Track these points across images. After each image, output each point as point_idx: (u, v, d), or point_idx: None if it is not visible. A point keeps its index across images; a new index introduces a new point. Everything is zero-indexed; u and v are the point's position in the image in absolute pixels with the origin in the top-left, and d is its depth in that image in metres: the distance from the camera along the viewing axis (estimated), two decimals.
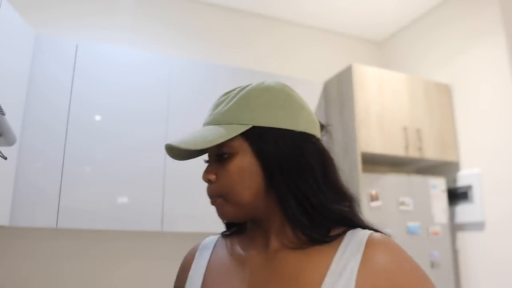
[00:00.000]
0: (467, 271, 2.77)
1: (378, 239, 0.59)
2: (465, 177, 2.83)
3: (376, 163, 3.02)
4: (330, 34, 3.64)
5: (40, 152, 2.16)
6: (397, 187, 2.68)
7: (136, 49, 2.75)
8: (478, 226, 2.72)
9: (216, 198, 0.64)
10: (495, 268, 2.57)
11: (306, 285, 0.57)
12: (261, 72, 2.83)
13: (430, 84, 2.98)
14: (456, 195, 2.87)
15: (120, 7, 2.91)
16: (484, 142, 2.74)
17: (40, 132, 2.18)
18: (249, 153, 0.61)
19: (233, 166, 0.61)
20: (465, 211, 2.80)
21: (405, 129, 2.78)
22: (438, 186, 2.82)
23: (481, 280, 2.67)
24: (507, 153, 2.57)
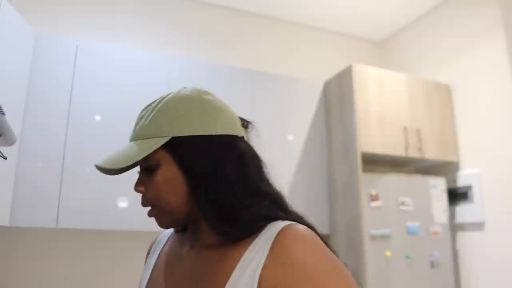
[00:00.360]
0: (467, 271, 2.77)
1: (289, 231, 0.59)
2: (465, 177, 2.83)
3: (376, 163, 3.01)
4: (330, 34, 3.64)
5: (40, 152, 2.16)
6: (397, 187, 2.68)
7: (136, 49, 2.75)
8: (478, 226, 2.72)
9: (151, 209, 0.67)
10: (495, 268, 2.57)
11: (218, 279, 0.60)
12: (261, 72, 2.83)
13: (430, 84, 2.98)
14: (456, 195, 2.87)
15: (120, 7, 2.91)
16: (484, 142, 2.74)
17: (40, 132, 2.18)
18: (171, 163, 0.64)
19: (159, 177, 0.65)
20: (465, 211, 2.80)
21: (405, 129, 2.78)
22: (438, 186, 2.82)
23: (481, 280, 2.67)
24: (507, 153, 2.57)
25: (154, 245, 0.85)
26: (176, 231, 0.79)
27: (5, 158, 1.16)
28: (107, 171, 0.67)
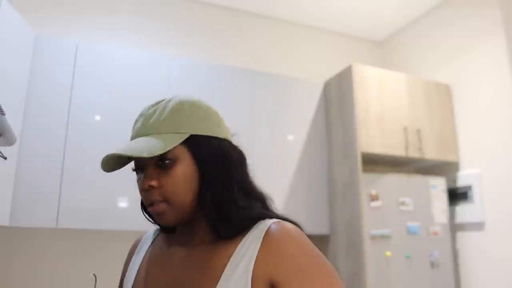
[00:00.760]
0: (467, 271, 2.77)
1: (277, 227, 0.64)
2: (465, 177, 2.83)
3: (376, 163, 3.01)
4: (330, 34, 3.64)
5: (40, 152, 2.16)
6: (397, 187, 2.68)
7: (136, 49, 2.75)
8: (478, 226, 2.72)
9: (159, 204, 0.67)
10: (495, 268, 2.57)
11: (213, 273, 0.63)
12: (261, 72, 2.84)
13: (430, 84, 2.98)
14: (456, 195, 2.87)
15: (120, 7, 2.91)
16: (484, 142, 2.74)
17: (40, 132, 2.17)
18: (188, 159, 0.67)
19: (177, 171, 0.66)
20: (465, 211, 2.80)
21: (405, 129, 2.78)
22: (438, 186, 2.82)
23: (481, 280, 2.67)
24: (507, 153, 2.57)
25: (139, 243, 0.85)
26: (163, 231, 0.80)
27: (5, 158, 1.16)
28: (108, 168, 0.70)
